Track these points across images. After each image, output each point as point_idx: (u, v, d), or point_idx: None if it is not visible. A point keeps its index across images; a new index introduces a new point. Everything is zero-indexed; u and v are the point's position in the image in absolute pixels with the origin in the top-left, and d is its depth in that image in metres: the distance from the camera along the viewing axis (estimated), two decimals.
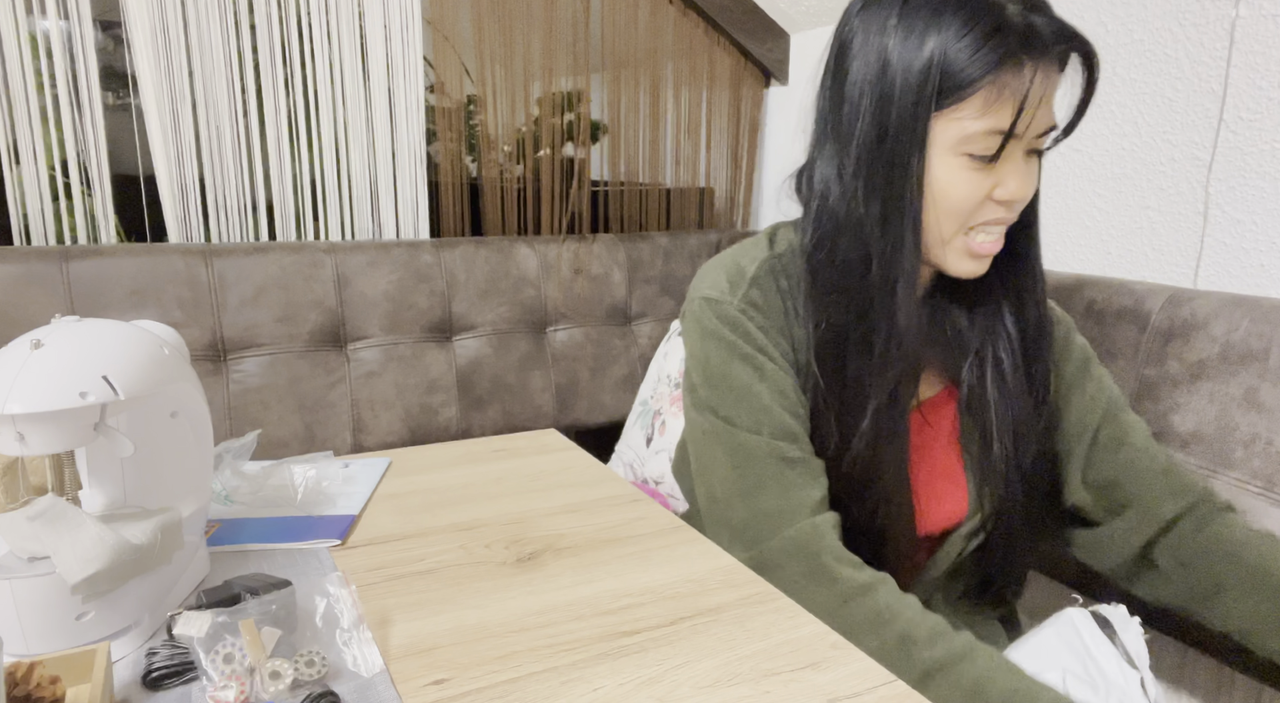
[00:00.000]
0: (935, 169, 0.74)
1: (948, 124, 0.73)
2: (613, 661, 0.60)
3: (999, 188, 0.74)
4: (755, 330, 0.81)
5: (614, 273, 1.65)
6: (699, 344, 0.84)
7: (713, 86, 1.84)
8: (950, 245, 0.77)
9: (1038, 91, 0.70)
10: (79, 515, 0.58)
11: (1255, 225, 1.12)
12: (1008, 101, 0.70)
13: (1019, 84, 0.70)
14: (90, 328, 0.61)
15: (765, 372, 0.80)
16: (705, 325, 0.83)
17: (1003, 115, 0.71)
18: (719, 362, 0.82)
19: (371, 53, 1.47)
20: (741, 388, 0.80)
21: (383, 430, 1.43)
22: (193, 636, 0.54)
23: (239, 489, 0.87)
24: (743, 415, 0.80)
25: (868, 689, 0.58)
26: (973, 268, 0.78)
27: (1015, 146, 0.73)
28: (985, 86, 0.70)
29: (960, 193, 0.74)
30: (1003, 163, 0.74)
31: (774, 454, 0.79)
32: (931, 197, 0.75)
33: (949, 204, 0.75)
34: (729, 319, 0.81)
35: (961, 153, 0.73)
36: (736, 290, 0.82)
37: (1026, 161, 0.75)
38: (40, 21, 1.27)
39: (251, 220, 1.45)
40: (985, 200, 0.75)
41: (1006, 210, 0.76)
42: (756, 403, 0.80)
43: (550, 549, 0.77)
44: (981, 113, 0.71)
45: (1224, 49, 1.13)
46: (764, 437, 0.79)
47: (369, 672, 0.57)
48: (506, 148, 1.64)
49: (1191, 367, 1.03)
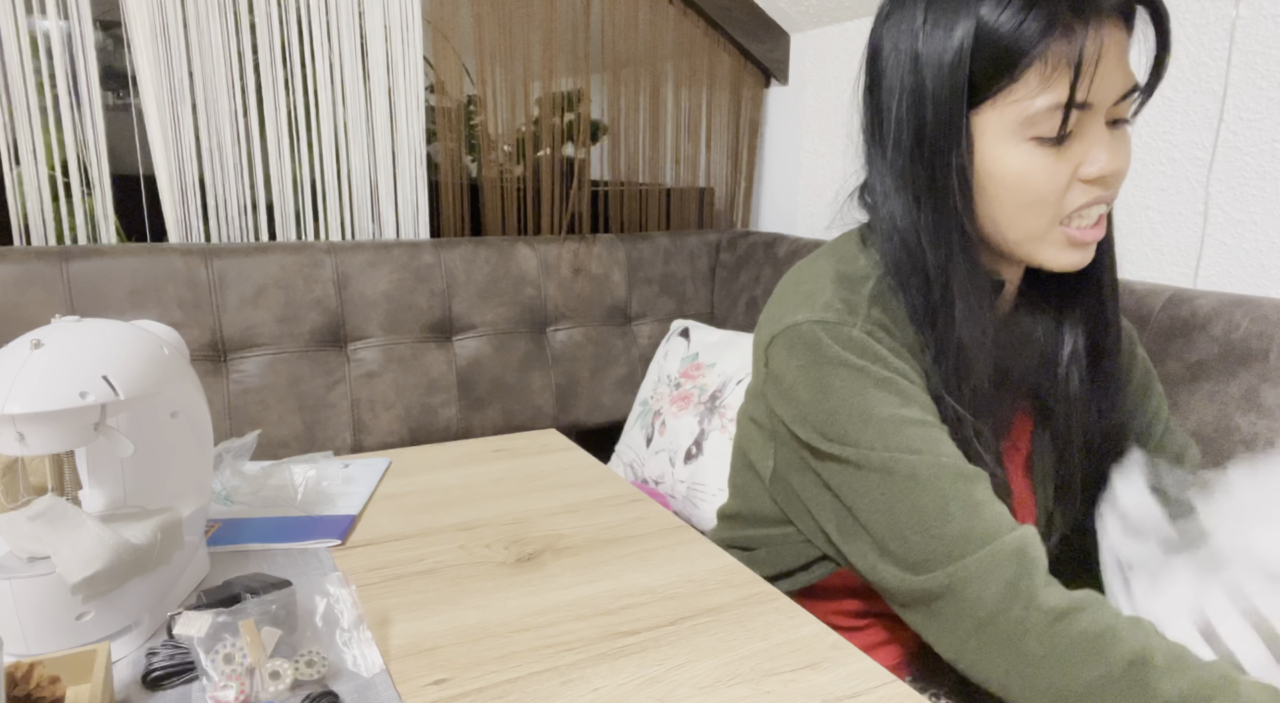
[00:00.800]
0: (1002, 162, 0.68)
1: (1004, 109, 0.66)
2: (613, 661, 0.60)
3: (1085, 165, 0.67)
4: (886, 353, 0.71)
5: (614, 273, 1.65)
6: (809, 373, 0.72)
7: (713, 86, 1.84)
8: (1046, 239, 0.70)
9: (1092, 53, 0.63)
10: (79, 515, 0.58)
11: (1255, 225, 1.12)
12: (1065, 71, 0.63)
13: (1072, 50, 0.63)
14: (90, 328, 0.61)
15: (909, 395, 0.70)
16: (823, 352, 0.71)
17: (1062, 87, 0.64)
18: (850, 392, 0.70)
19: (371, 53, 1.47)
20: (887, 416, 0.69)
21: (383, 430, 1.43)
22: (193, 636, 0.54)
23: (239, 489, 0.87)
24: (898, 442, 0.68)
25: (868, 689, 0.58)
26: (1076, 259, 0.70)
27: (1090, 118, 0.66)
28: (1036, 60, 0.64)
29: (1038, 180, 0.67)
30: (1081, 139, 0.67)
31: (948, 472, 0.67)
32: (1007, 192, 0.69)
33: (1029, 195, 0.68)
34: (855, 343, 0.70)
35: (1028, 137, 0.66)
36: (857, 311, 0.72)
37: (1112, 133, 0.68)
38: (40, 21, 1.27)
39: (251, 220, 1.45)
40: (1072, 183, 0.68)
41: (1103, 188, 0.68)
42: (909, 427, 0.69)
43: (550, 549, 0.77)
44: (1039, 89, 0.64)
45: (1224, 49, 1.13)
46: (930, 456, 0.68)
47: (369, 672, 0.57)
48: (506, 148, 1.64)
49: (1191, 367, 1.03)
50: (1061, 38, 0.63)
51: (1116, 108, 0.67)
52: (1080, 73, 0.63)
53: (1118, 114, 0.68)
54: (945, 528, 0.66)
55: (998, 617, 0.63)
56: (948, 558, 0.66)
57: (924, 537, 0.67)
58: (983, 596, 0.63)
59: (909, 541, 0.67)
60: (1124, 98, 0.67)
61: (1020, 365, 0.78)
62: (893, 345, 0.72)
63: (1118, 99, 0.66)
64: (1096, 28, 0.63)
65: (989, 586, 0.63)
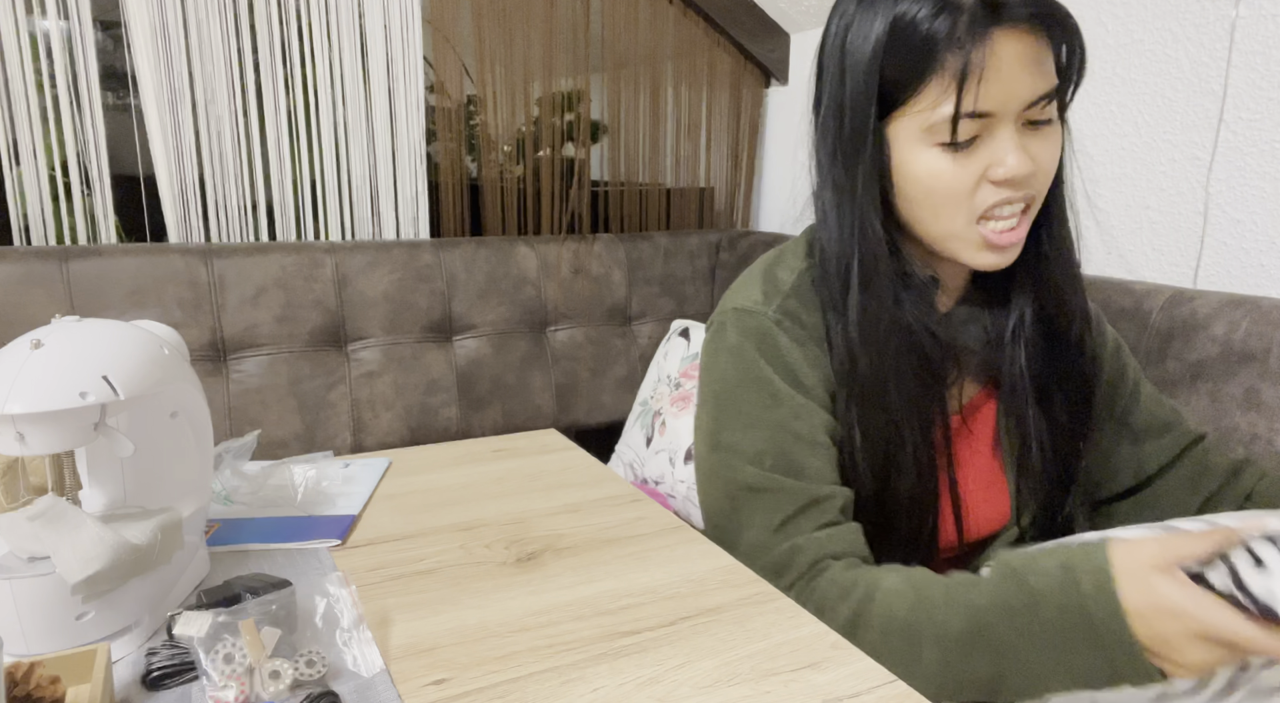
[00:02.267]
0: (914, 166, 0.72)
1: (911, 119, 0.71)
2: (613, 661, 0.60)
3: (992, 168, 0.70)
4: (790, 344, 0.76)
5: (614, 273, 1.65)
6: (716, 358, 0.79)
7: (713, 86, 1.84)
8: (963, 238, 0.73)
9: (979, 64, 0.66)
10: (79, 515, 0.58)
11: (1255, 225, 1.12)
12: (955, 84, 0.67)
13: (957, 63, 0.66)
14: (90, 328, 0.61)
15: (780, 397, 0.75)
16: (728, 340, 0.78)
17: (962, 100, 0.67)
18: (728, 380, 0.78)
19: (371, 53, 1.47)
20: (743, 413, 0.76)
21: (383, 430, 1.43)
22: (193, 636, 0.54)
23: (239, 489, 0.87)
24: (735, 440, 0.76)
25: (868, 689, 0.58)
26: (993, 260, 0.74)
27: (997, 123, 0.69)
28: (936, 72, 0.68)
29: (944, 183, 0.71)
30: (989, 142, 0.70)
31: (749, 483, 0.75)
32: (921, 194, 0.73)
33: (938, 198, 0.72)
34: (759, 332, 0.77)
35: (934, 144, 0.70)
36: (772, 300, 0.78)
37: (1025, 134, 0.70)
38: (40, 21, 1.27)
39: (251, 220, 1.45)
40: (981, 184, 0.71)
41: (1012, 190, 0.71)
42: (756, 430, 0.75)
43: (550, 549, 0.77)
44: (940, 99, 0.68)
45: (1224, 49, 1.13)
46: (748, 464, 0.75)
47: (369, 672, 0.57)
48: (506, 148, 1.64)
49: (1191, 367, 1.03)
50: (956, 49, 0.67)
51: (1029, 112, 0.70)
52: (965, 85, 0.67)
53: (1034, 116, 0.70)
54: (727, 525, 0.77)
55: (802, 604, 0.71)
56: (739, 554, 0.76)
57: (711, 528, 0.79)
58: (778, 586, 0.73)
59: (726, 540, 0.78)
60: (1034, 103, 0.69)
61: (967, 353, 0.81)
62: (799, 334, 0.77)
63: (1026, 105, 0.69)
64: (991, 40, 0.66)
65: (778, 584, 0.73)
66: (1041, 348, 0.81)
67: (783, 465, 0.74)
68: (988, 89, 0.67)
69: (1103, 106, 1.29)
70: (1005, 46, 0.67)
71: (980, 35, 0.66)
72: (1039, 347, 0.81)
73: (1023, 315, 0.80)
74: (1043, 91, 0.69)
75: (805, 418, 0.75)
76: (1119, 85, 1.26)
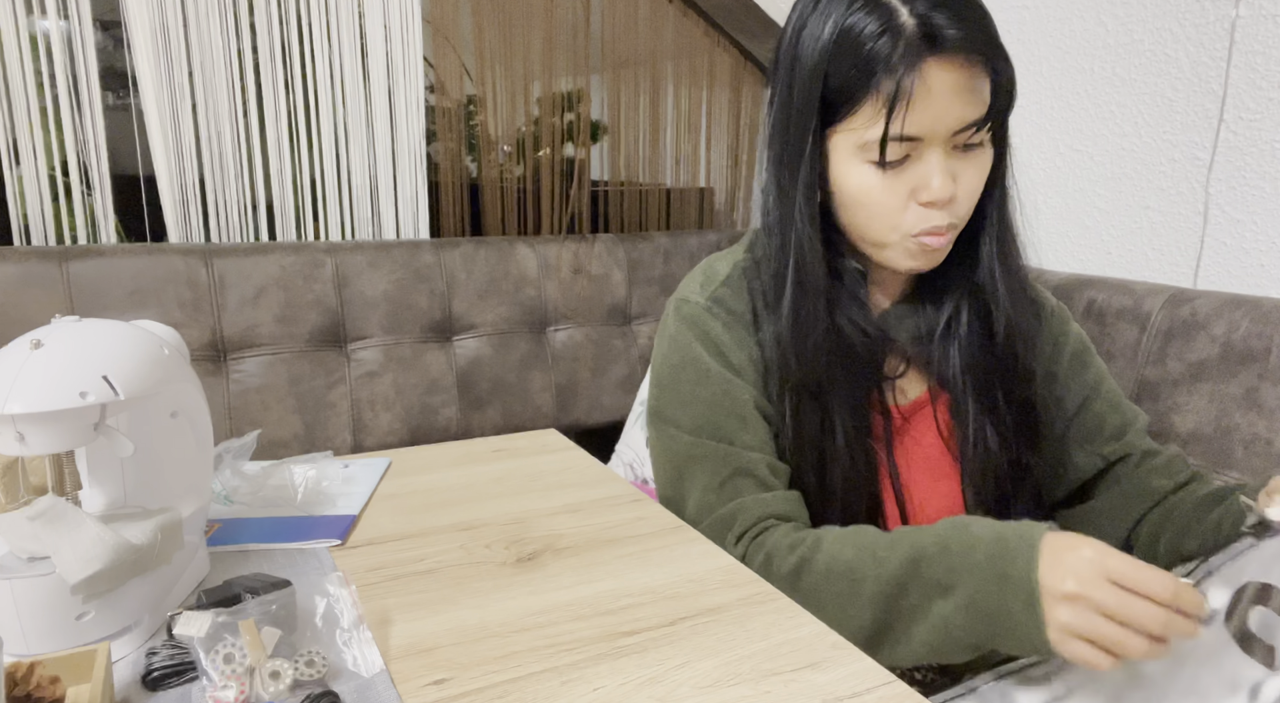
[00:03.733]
0: (849, 179, 0.76)
1: (847, 135, 0.74)
2: (613, 661, 0.60)
3: (918, 190, 0.74)
4: (719, 328, 0.83)
5: (614, 273, 1.65)
6: (660, 344, 0.87)
7: (713, 86, 1.84)
8: (895, 247, 0.77)
9: (907, 90, 0.69)
10: (79, 515, 0.58)
11: (1255, 225, 1.12)
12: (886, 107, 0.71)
13: (890, 87, 0.70)
14: (90, 328, 0.61)
15: (708, 376, 0.82)
16: (669, 328, 0.86)
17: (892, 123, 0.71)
18: (668, 362, 0.85)
19: (371, 53, 1.47)
20: (685, 392, 0.82)
21: (383, 430, 1.43)
22: (193, 636, 0.54)
23: (239, 489, 0.87)
24: (675, 413, 0.83)
25: (867, 689, 0.58)
26: (921, 263, 0.78)
27: (927, 147, 0.73)
28: (870, 94, 0.71)
29: (875, 200, 0.75)
30: (918, 164, 0.73)
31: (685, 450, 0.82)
32: (854, 205, 0.77)
33: (869, 212, 0.76)
34: (691, 318, 0.84)
35: (866, 161, 0.74)
36: (706, 290, 0.85)
37: (954, 157, 0.74)
38: (40, 21, 1.27)
39: (251, 220, 1.45)
40: (909, 204, 0.75)
41: (940, 214, 0.74)
42: (692, 406, 0.82)
43: (550, 549, 0.77)
44: (872, 120, 0.72)
45: (1224, 49, 1.13)
46: (683, 433, 0.82)
47: (369, 672, 0.57)
48: (506, 148, 1.64)
49: (1191, 367, 1.03)
50: (889, 74, 0.70)
51: (958, 137, 0.73)
52: (894, 111, 0.70)
53: (964, 141, 0.73)
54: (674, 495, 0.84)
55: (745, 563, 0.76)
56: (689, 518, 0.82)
57: (664, 500, 0.86)
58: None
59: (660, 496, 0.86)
60: (963, 130, 0.72)
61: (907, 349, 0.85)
62: (728, 319, 0.83)
63: (954, 131, 0.72)
64: (925, 68, 0.69)
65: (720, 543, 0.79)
66: (979, 347, 0.83)
67: (716, 436, 0.80)
68: (917, 115, 0.70)
69: (1103, 106, 1.29)
70: (937, 75, 0.70)
71: (913, 63, 0.69)
72: (976, 346, 0.83)
73: (957, 314, 0.83)
74: (971, 119, 0.72)
75: (734, 394, 0.81)
76: (1119, 85, 1.26)
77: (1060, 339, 0.90)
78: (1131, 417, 0.89)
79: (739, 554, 0.77)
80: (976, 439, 0.84)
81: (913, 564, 0.67)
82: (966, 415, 0.84)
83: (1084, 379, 0.89)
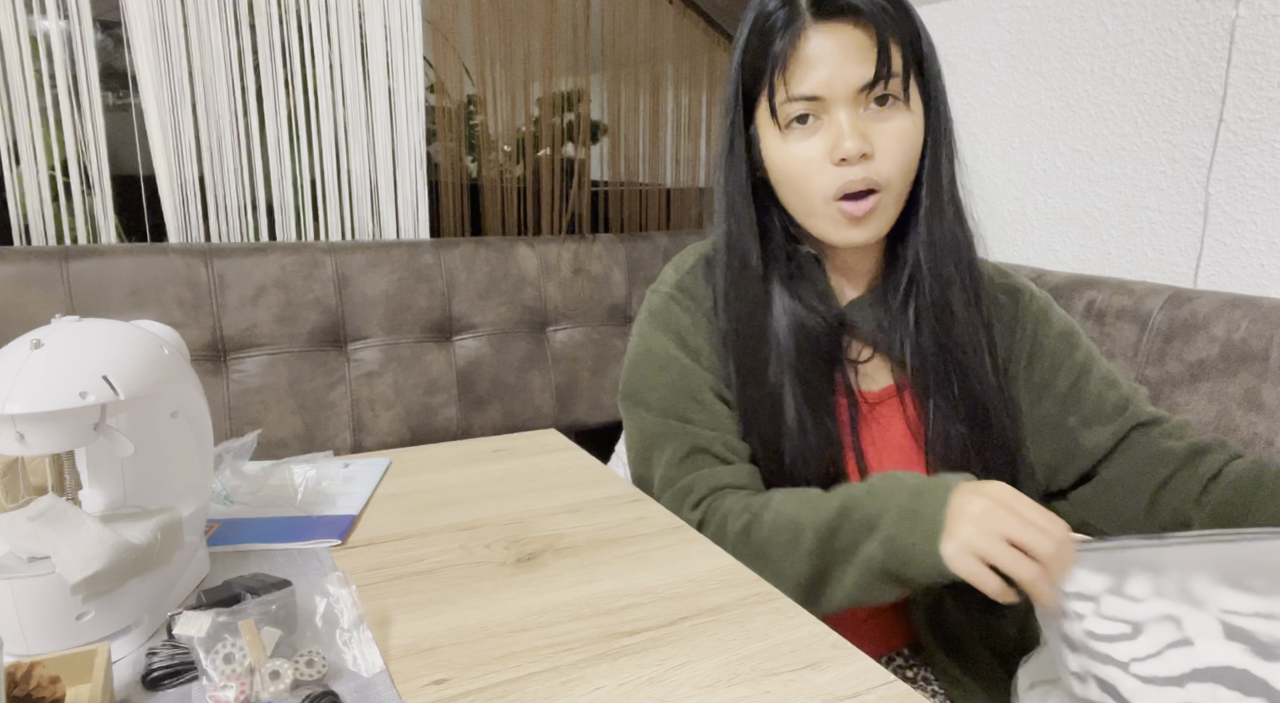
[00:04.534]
0: (771, 152, 0.80)
1: (763, 108, 0.80)
2: (613, 661, 0.60)
3: (832, 150, 0.76)
4: (681, 314, 0.87)
5: (614, 273, 1.65)
6: (633, 333, 0.92)
7: (713, 86, 1.84)
8: (822, 215, 0.80)
9: (784, 54, 0.75)
10: (79, 515, 0.58)
11: (1255, 225, 1.12)
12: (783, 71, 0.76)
13: (782, 52, 0.76)
14: (90, 328, 0.61)
15: (667, 362, 0.86)
16: (640, 317, 0.92)
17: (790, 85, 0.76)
18: (637, 347, 0.90)
19: (371, 53, 1.47)
20: (649, 377, 0.87)
21: (383, 430, 1.43)
22: (193, 636, 0.54)
23: (239, 489, 0.87)
24: (642, 394, 0.87)
25: (867, 689, 0.58)
26: (850, 235, 0.80)
27: (831, 107, 0.76)
28: (775, 62, 0.76)
29: (793, 165, 0.79)
30: (829, 126, 0.77)
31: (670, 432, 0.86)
32: (780, 177, 0.81)
33: (791, 178, 0.79)
34: (656, 308, 0.89)
35: (780, 128, 0.79)
36: (671, 279, 0.90)
37: (868, 118, 0.76)
38: (40, 21, 1.27)
39: (251, 220, 1.45)
40: (824, 165, 0.77)
41: (857, 170, 0.76)
42: (656, 391, 0.86)
43: (550, 549, 0.77)
44: (775, 87, 0.77)
45: (1224, 49, 1.13)
46: (650, 412, 0.86)
47: (369, 672, 0.57)
48: (506, 148, 1.64)
49: (1191, 367, 1.03)
50: (781, 39, 0.76)
51: (863, 96, 0.76)
52: (777, 72, 0.76)
53: (873, 98, 0.77)
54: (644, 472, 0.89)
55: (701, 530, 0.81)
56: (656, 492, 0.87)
57: (635, 478, 0.91)
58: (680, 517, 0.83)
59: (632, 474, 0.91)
60: (866, 88, 0.76)
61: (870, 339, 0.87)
62: (689, 305, 0.88)
63: (857, 89, 0.76)
64: (810, 30, 0.75)
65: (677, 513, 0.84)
66: (928, 338, 0.84)
67: (676, 416, 0.85)
68: (811, 75, 0.75)
69: (1103, 106, 1.29)
70: (825, 36, 0.75)
71: (800, 27, 0.75)
72: (927, 336, 0.84)
73: (915, 306, 0.85)
74: (868, 79, 0.75)
75: (690, 379, 0.86)
76: (1119, 85, 1.26)
77: (1041, 324, 0.89)
78: (1131, 391, 0.88)
79: (695, 519, 0.82)
80: (939, 431, 0.85)
81: (844, 509, 0.72)
82: (926, 408, 0.85)
83: (1073, 359, 0.88)
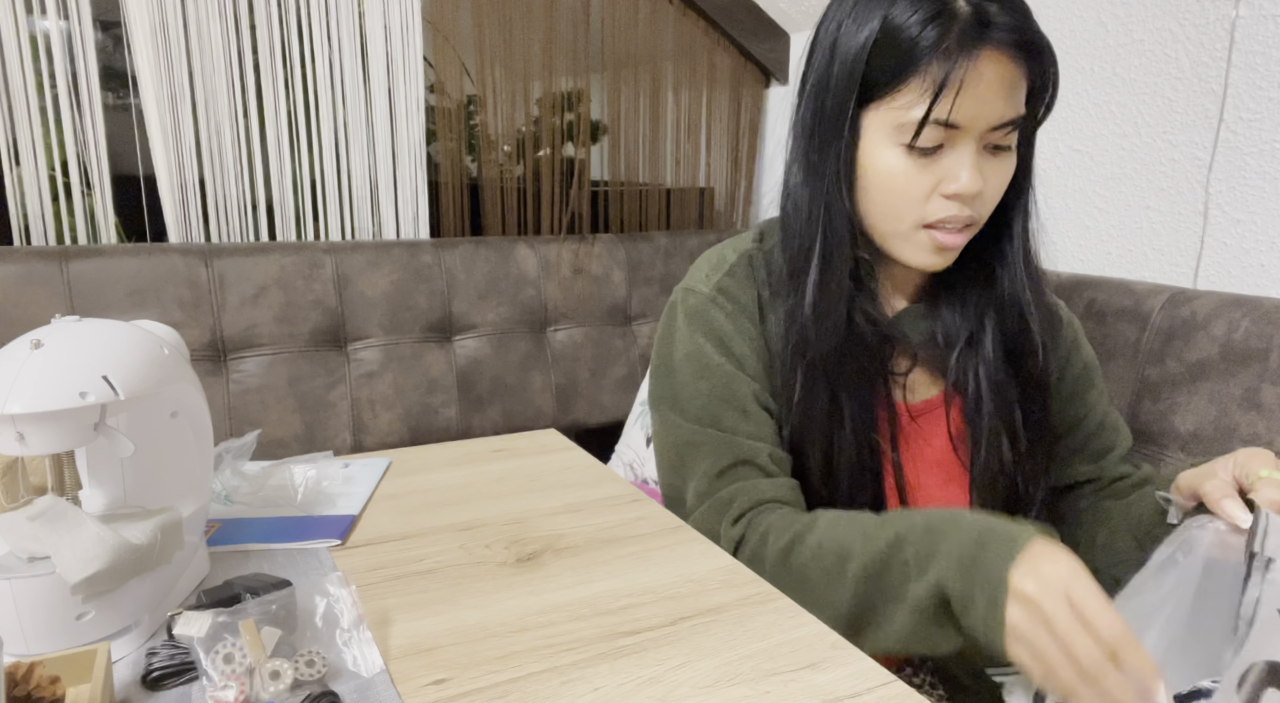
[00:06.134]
0: (877, 160, 0.74)
1: (885, 113, 0.73)
2: (613, 661, 0.60)
3: (945, 181, 0.73)
4: (723, 318, 0.81)
5: (614, 273, 1.65)
6: (664, 333, 0.86)
7: (713, 86, 1.84)
8: (910, 240, 0.76)
9: (958, 78, 0.68)
10: (79, 515, 0.58)
11: (1255, 225, 1.12)
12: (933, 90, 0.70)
13: (940, 72, 0.69)
14: (90, 328, 0.61)
15: (708, 369, 0.81)
16: (675, 316, 0.85)
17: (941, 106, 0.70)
18: (670, 350, 0.84)
19: (371, 53, 1.47)
20: (679, 379, 0.82)
21: (383, 430, 1.43)
22: (193, 636, 0.54)
23: (239, 489, 0.87)
24: (678, 400, 0.82)
25: (867, 689, 0.58)
26: (933, 261, 0.77)
27: (962, 138, 0.72)
28: (918, 74, 0.70)
29: (899, 185, 0.74)
30: (950, 155, 0.72)
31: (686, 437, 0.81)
32: (876, 189, 0.75)
33: (892, 197, 0.75)
34: (693, 309, 0.83)
35: (899, 143, 0.73)
36: (711, 279, 0.84)
37: (983, 156, 0.73)
38: (40, 21, 1.27)
39: (251, 220, 1.45)
40: (933, 195, 0.73)
41: (960, 207, 0.73)
42: (693, 399, 0.81)
43: (550, 549, 0.77)
44: (916, 101, 0.70)
45: (1224, 49, 1.13)
46: (685, 421, 0.81)
47: (369, 672, 0.57)
48: (506, 148, 1.64)
49: (1191, 367, 1.03)
50: (942, 58, 0.69)
51: (993, 135, 0.72)
52: (942, 94, 0.69)
53: (996, 141, 0.72)
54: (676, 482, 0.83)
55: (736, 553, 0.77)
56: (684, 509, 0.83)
57: (665, 487, 0.85)
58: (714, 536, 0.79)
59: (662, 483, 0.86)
60: (1000, 127, 0.72)
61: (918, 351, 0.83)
62: (732, 309, 0.82)
63: (992, 127, 0.71)
64: (976, 56, 0.69)
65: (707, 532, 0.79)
66: (1001, 360, 0.82)
67: (716, 425, 0.80)
68: (963, 102, 0.69)
69: (1103, 106, 1.29)
70: (988, 66, 0.69)
71: (969, 49, 0.68)
72: (1000, 359, 0.82)
73: (981, 326, 0.82)
74: (1010, 117, 0.72)
75: (735, 388, 0.80)
76: (1119, 85, 1.26)
77: (1073, 355, 0.90)
78: (1113, 442, 0.89)
79: (736, 535, 0.77)
80: (989, 449, 0.83)
81: (898, 542, 0.66)
82: (981, 425, 0.83)
83: (1087, 399, 0.89)
